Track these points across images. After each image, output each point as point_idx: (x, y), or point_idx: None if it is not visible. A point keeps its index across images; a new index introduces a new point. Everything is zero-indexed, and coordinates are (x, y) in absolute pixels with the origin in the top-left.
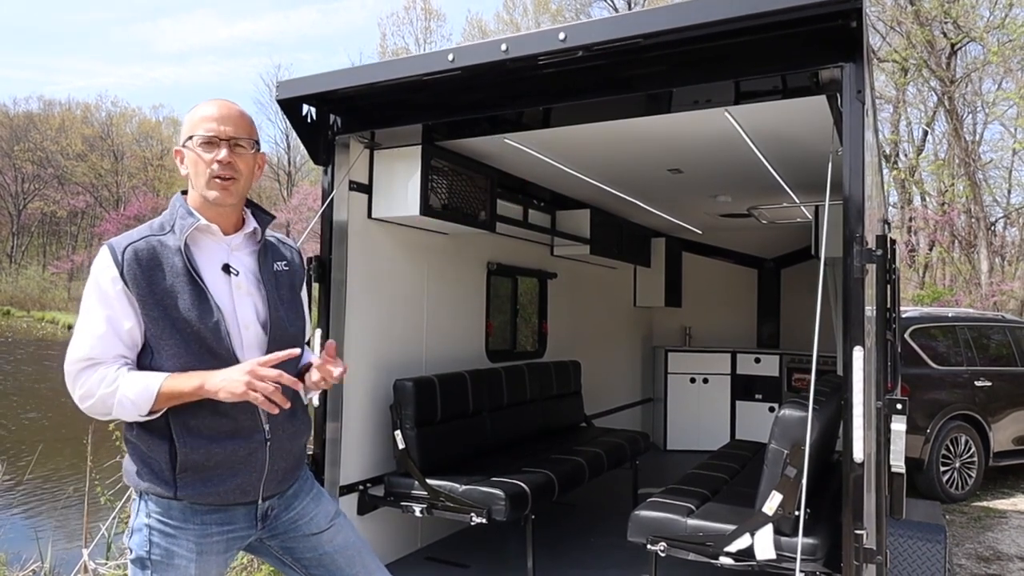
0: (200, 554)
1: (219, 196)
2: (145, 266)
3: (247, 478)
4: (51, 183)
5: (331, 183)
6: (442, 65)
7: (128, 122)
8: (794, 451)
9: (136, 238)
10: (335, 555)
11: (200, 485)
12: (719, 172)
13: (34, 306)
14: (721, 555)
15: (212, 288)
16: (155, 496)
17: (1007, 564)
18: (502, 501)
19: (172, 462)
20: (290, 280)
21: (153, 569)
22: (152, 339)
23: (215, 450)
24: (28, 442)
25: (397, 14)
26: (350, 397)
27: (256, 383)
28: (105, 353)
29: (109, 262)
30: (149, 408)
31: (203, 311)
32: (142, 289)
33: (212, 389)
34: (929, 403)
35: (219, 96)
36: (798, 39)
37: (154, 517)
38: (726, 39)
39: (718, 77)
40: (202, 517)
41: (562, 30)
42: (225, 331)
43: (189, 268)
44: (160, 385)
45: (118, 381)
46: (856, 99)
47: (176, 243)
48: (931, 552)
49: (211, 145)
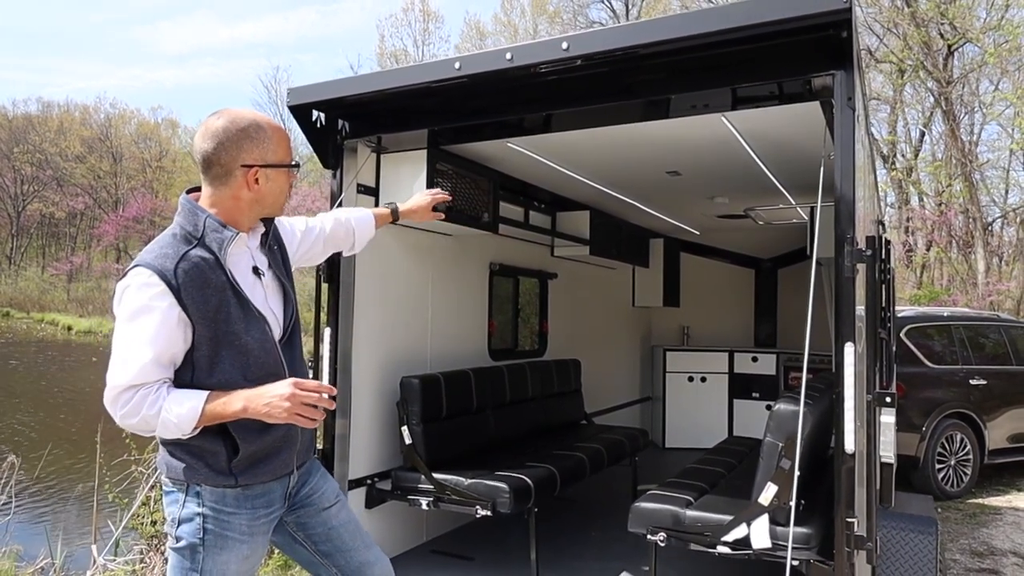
0: (252, 535)
1: (282, 213)
2: (198, 285)
3: (288, 452)
4: (50, 185)
5: (340, 186)
6: (449, 73)
7: (127, 124)
8: (788, 444)
9: (176, 256)
10: (340, 529)
11: (253, 469)
12: (716, 175)
13: (33, 307)
14: (719, 544)
15: (253, 298)
16: (209, 487)
17: (1000, 559)
18: (506, 494)
19: (230, 455)
20: (283, 256)
21: (206, 554)
22: (200, 358)
23: (267, 437)
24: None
25: (396, 16)
26: (358, 394)
27: (298, 407)
28: (149, 378)
29: (161, 287)
30: (192, 428)
31: (250, 324)
32: (199, 310)
33: (257, 413)
34: (925, 401)
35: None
36: (791, 48)
37: (207, 506)
38: (722, 48)
39: (715, 84)
40: (252, 501)
41: (564, 40)
42: (272, 341)
43: (232, 283)
44: (203, 408)
45: (160, 403)
46: (847, 105)
47: (214, 257)
48: (923, 543)
49: (294, 170)
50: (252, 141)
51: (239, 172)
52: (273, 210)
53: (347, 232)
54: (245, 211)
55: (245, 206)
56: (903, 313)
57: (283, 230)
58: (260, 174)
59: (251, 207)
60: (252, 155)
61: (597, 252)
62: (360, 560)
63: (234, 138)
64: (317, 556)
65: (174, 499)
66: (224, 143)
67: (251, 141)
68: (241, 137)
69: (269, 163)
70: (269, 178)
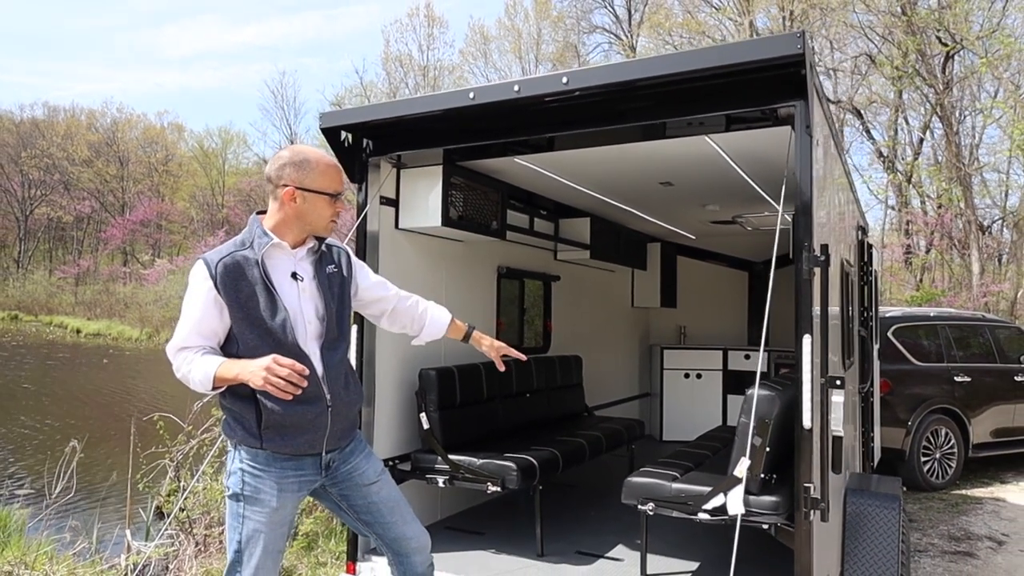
0: (280, 491)
1: (327, 233)
2: (232, 276)
3: (314, 435)
4: (57, 189)
5: (365, 198)
6: (464, 102)
7: (133, 128)
8: (760, 424)
9: (225, 254)
10: (380, 504)
11: (279, 439)
12: (705, 185)
13: (41, 310)
14: (700, 512)
15: (282, 292)
16: (246, 447)
17: (976, 543)
18: (514, 472)
19: (258, 421)
20: (340, 279)
21: (246, 502)
22: (237, 333)
23: (289, 413)
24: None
25: (400, 21)
26: (381, 384)
27: (271, 377)
28: (191, 342)
29: (205, 273)
30: (210, 387)
31: (274, 311)
32: (230, 295)
33: (243, 379)
34: (910, 397)
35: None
36: (760, 83)
37: (246, 463)
38: (702, 83)
39: (697, 112)
40: (281, 463)
41: (565, 75)
42: (291, 327)
43: (264, 278)
44: (215, 371)
45: (192, 364)
46: (805, 132)
47: (255, 257)
48: (887, 516)
49: (335, 199)
50: (295, 168)
51: (281, 191)
52: (316, 228)
53: (413, 320)
54: (289, 224)
55: (288, 220)
56: (890, 313)
57: (358, 267)
58: (298, 195)
59: (293, 222)
60: (292, 179)
61: (597, 256)
62: (397, 533)
63: (284, 164)
64: (360, 524)
65: (229, 456)
66: (277, 167)
67: (294, 167)
68: (288, 164)
69: (307, 187)
70: (307, 200)
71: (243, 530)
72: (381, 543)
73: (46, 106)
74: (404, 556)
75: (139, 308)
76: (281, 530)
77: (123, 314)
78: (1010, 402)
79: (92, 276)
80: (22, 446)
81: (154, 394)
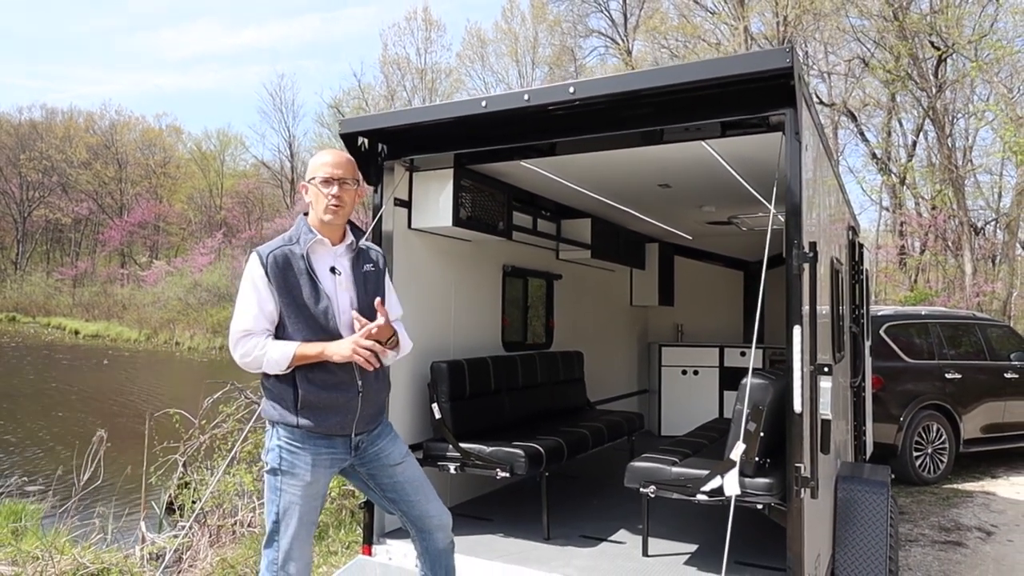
0: (314, 466)
1: (331, 218)
2: (281, 267)
3: (345, 417)
4: (55, 191)
5: (380, 199)
6: (476, 110)
7: (131, 130)
8: (754, 410)
9: (275, 247)
10: (405, 484)
11: (314, 418)
12: (702, 187)
13: (39, 312)
14: (698, 494)
15: (323, 283)
16: (284, 425)
17: (965, 533)
18: (522, 459)
19: (296, 401)
20: (376, 278)
21: (283, 476)
22: (285, 318)
23: (324, 395)
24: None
25: (398, 24)
26: (395, 377)
27: (358, 350)
28: (256, 327)
29: (258, 264)
30: (287, 365)
31: (317, 299)
32: (279, 283)
33: (329, 354)
34: (902, 394)
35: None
36: (753, 93)
37: (283, 440)
38: (699, 92)
39: (694, 119)
40: (315, 441)
41: (572, 85)
42: (332, 313)
43: (308, 269)
44: (295, 350)
45: (266, 346)
46: (794, 139)
47: (300, 251)
48: (876, 501)
49: (328, 183)
50: (309, 166)
51: (303, 190)
52: (319, 212)
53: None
54: (316, 218)
55: (310, 213)
56: (882, 312)
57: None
58: (307, 187)
59: (312, 213)
60: (307, 177)
61: (598, 255)
62: (420, 511)
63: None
64: (385, 502)
65: (268, 434)
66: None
67: (308, 167)
68: (308, 166)
69: (308, 179)
70: (309, 190)
71: (280, 502)
72: (405, 519)
73: (44, 108)
74: (427, 532)
75: (137, 309)
76: (315, 503)
77: (121, 315)
78: (1000, 399)
79: (90, 278)
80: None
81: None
